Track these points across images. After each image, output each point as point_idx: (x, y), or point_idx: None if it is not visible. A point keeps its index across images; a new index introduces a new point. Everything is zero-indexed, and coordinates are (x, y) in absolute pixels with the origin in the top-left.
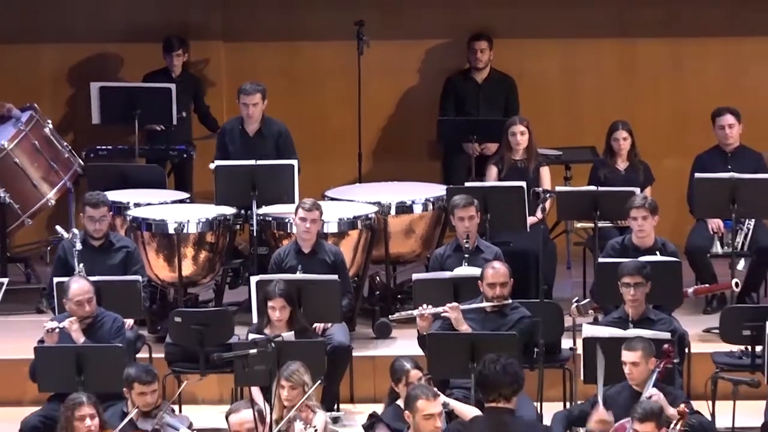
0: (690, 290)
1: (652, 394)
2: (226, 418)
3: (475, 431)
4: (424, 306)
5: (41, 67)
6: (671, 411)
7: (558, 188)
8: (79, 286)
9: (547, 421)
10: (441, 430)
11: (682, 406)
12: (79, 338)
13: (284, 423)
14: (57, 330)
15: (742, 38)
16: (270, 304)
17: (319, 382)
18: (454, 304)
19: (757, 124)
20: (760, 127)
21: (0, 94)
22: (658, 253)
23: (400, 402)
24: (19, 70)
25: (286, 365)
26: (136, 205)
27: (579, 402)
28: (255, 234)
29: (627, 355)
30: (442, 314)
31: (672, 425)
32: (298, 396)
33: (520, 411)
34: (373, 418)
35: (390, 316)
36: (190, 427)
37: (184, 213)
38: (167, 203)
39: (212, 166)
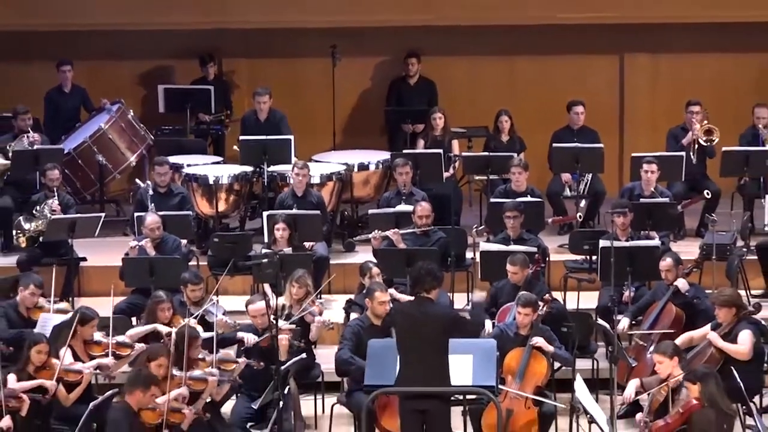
0: (549, 220)
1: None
2: (246, 306)
3: (407, 310)
4: (376, 231)
5: (123, 75)
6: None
7: (464, 154)
8: (151, 218)
9: (457, 305)
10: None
11: (547, 295)
12: (151, 252)
13: (298, 312)
14: (137, 247)
15: (585, 56)
16: (276, 226)
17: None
18: (396, 229)
19: (593, 111)
20: (596, 113)
21: (99, 93)
22: (528, 195)
23: None
24: (109, 77)
25: (296, 271)
26: (188, 165)
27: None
28: (266, 183)
29: (510, 267)
30: (388, 236)
31: (540, 308)
32: (303, 293)
33: (439, 299)
34: (350, 302)
35: (354, 238)
36: (224, 313)
37: (220, 170)
38: (208, 164)
39: (235, 147)
